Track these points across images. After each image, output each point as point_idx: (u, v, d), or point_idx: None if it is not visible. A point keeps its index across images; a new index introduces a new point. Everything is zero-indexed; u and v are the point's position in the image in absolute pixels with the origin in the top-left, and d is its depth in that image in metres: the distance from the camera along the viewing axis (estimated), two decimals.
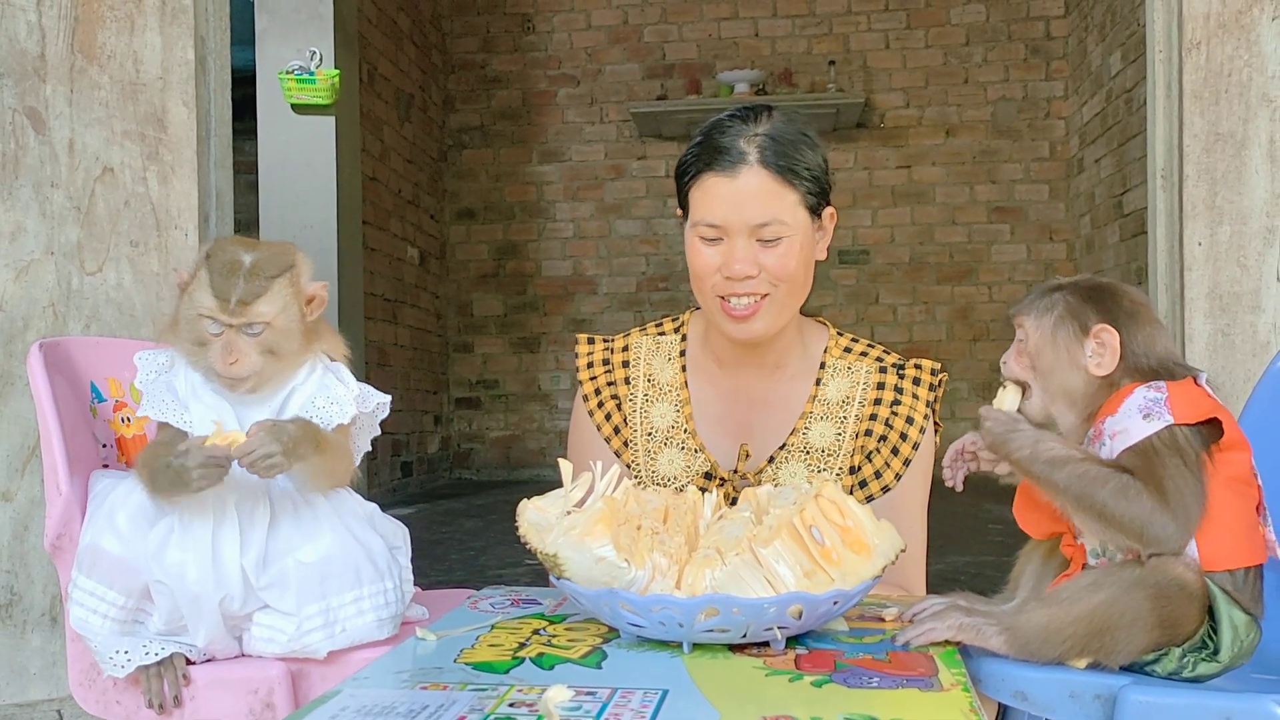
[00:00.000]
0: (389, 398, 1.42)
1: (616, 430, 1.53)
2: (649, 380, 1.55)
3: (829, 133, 6.38)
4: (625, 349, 1.57)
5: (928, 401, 1.51)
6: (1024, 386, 1.16)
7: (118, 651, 1.27)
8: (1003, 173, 6.34)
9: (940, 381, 1.53)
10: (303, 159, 4.72)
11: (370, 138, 5.36)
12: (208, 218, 2.27)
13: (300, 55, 4.52)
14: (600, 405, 1.55)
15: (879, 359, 1.53)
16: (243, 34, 4.00)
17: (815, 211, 1.43)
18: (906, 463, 1.47)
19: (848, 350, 1.54)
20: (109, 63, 2.19)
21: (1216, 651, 1.05)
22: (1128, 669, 1.07)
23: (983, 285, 6.37)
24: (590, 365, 1.57)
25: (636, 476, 1.50)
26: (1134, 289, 1.17)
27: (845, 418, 1.49)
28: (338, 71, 4.52)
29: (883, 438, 1.48)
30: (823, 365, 1.52)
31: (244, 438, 1.23)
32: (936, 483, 1.52)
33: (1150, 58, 2.28)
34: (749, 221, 1.37)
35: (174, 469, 1.22)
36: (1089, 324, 1.10)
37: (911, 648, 1.03)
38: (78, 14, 2.18)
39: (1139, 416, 1.05)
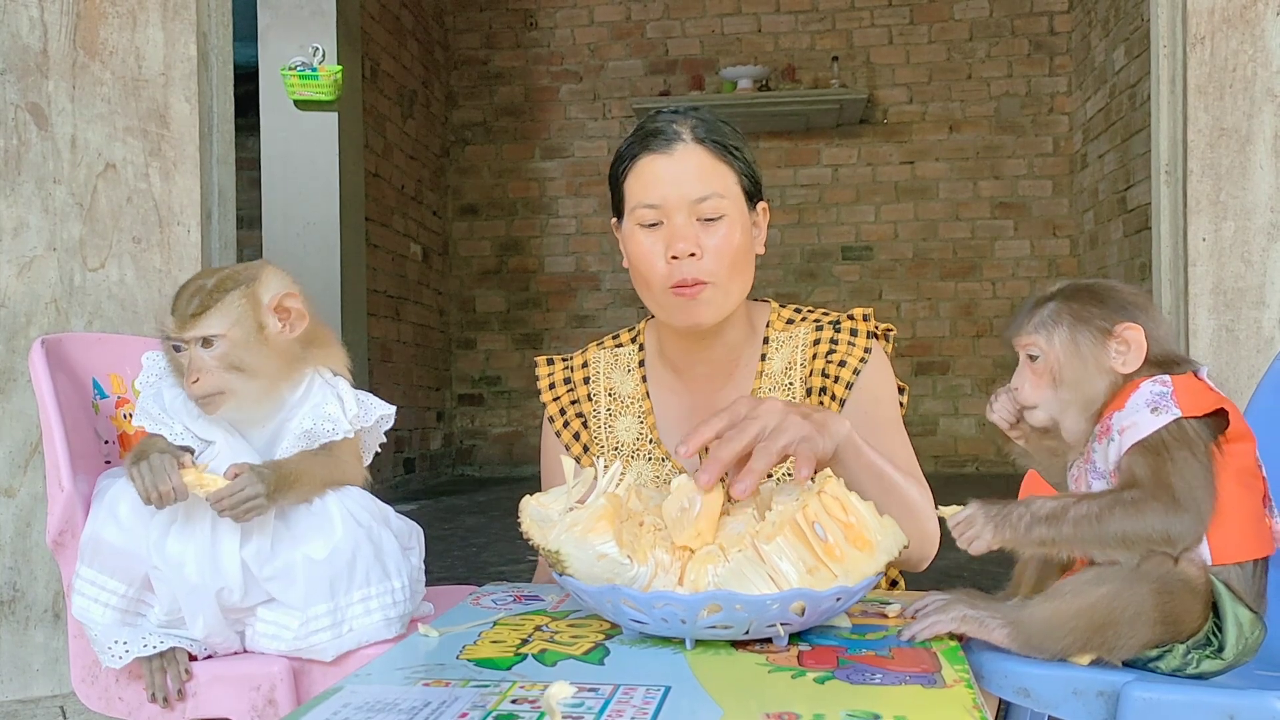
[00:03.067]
0: (393, 410, 1.41)
1: (586, 449, 1.52)
2: (610, 394, 1.53)
3: (832, 128, 6.38)
4: (585, 365, 1.56)
5: (865, 345, 1.46)
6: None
7: (116, 642, 1.27)
8: (1006, 168, 6.34)
9: (877, 326, 1.49)
10: (305, 155, 4.72)
11: (373, 134, 5.36)
12: (210, 214, 2.27)
13: (303, 51, 4.51)
14: (566, 425, 1.54)
15: (816, 321, 1.51)
16: (245, 30, 4.01)
17: (750, 200, 1.43)
18: (845, 399, 1.43)
19: (790, 322, 1.52)
20: (111, 59, 2.19)
21: (1221, 649, 1.04)
22: (1131, 665, 1.06)
23: (986, 281, 6.36)
24: (553, 386, 1.56)
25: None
26: (1122, 283, 1.16)
27: (791, 383, 1.47)
28: (340, 67, 4.52)
29: (823, 389, 1.46)
30: (766, 340, 1.51)
31: (220, 482, 1.23)
32: (938, 478, 1.51)
33: (1155, 53, 2.27)
34: (688, 197, 1.37)
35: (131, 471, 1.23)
36: (1107, 325, 1.09)
37: (916, 643, 1.02)
38: (80, 10, 2.17)
39: (1146, 410, 1.04)
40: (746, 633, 0.99)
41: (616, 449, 1.50)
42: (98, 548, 1.27)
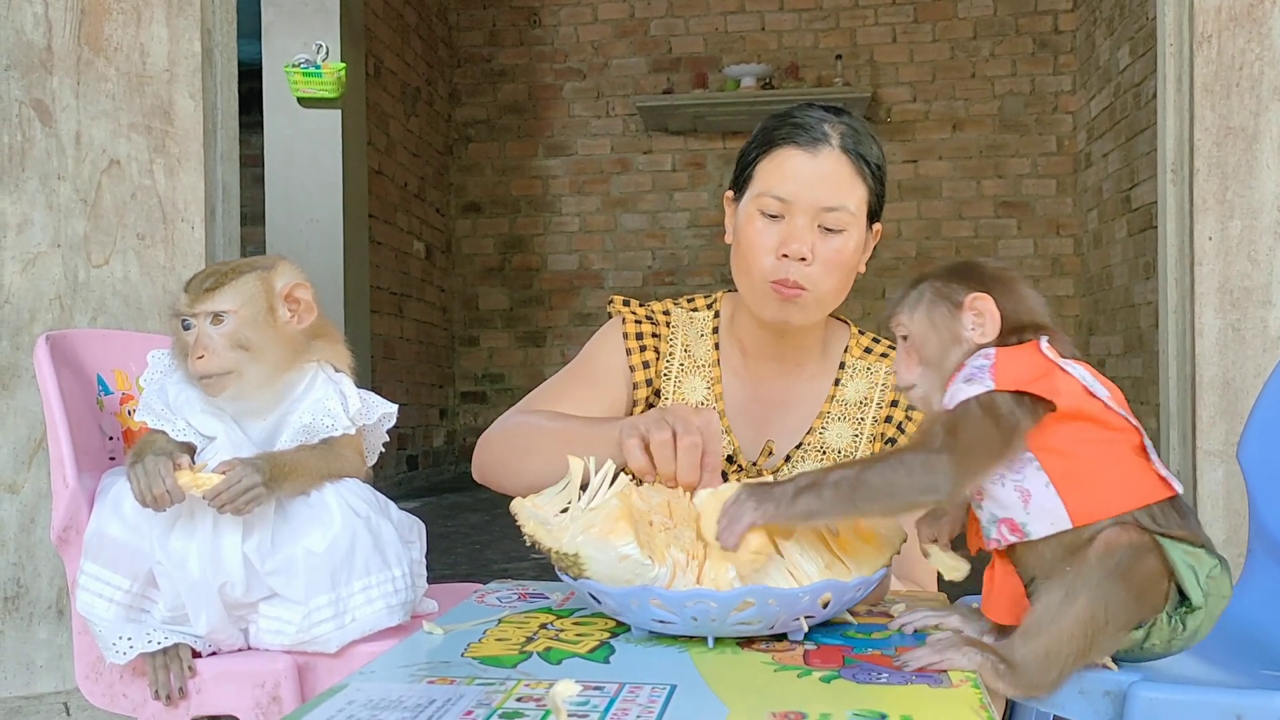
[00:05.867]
0: (395, 408, 1.41)
1: (649, 383, 1.50)
2: (685, 350, 1.52)
3: None
4: (666, 313, 1.55)
5: None
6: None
7: (120, 638, 1.27)
8: (1010, 167, 6.33)
9: None
10: (309, 152, 4.72)
11: (376, 131, 5.35)
12: (214, 211, 2.27)
13: (306, 48, 4.52)
14: (643, 348, 1.51)
15: None
16: (249, 27, 4.00)
17: (870, 219, 1.42)
18: None
19: (868, 350, 1.52)
20: (115, 55, 2.19)
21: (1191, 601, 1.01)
22: (1131, 660, 1.05)
23: None
24: (634, 314, 1.54)
25: None
26: (993, 260, 1.14)
27: (862, 419, 1.47)
28: (344, 65, 4.52)
29: (892, 440, 1.46)
30: (842, 365, 1.50)
31: (215, 479, 1.23)
32: None
33: (1161, 51, 2.26)
34: (818, 202, 1.35)
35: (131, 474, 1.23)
36: (959, 297, 1.08)
37: (916, 666, 0.99)
38: (84, 6, 2.17)
39: (962, 382, 1.02)
40: (770, 628, 0.99)
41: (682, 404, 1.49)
42: (102, 543, 1.27)
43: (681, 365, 1.51)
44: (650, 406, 1.50)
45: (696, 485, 1.15)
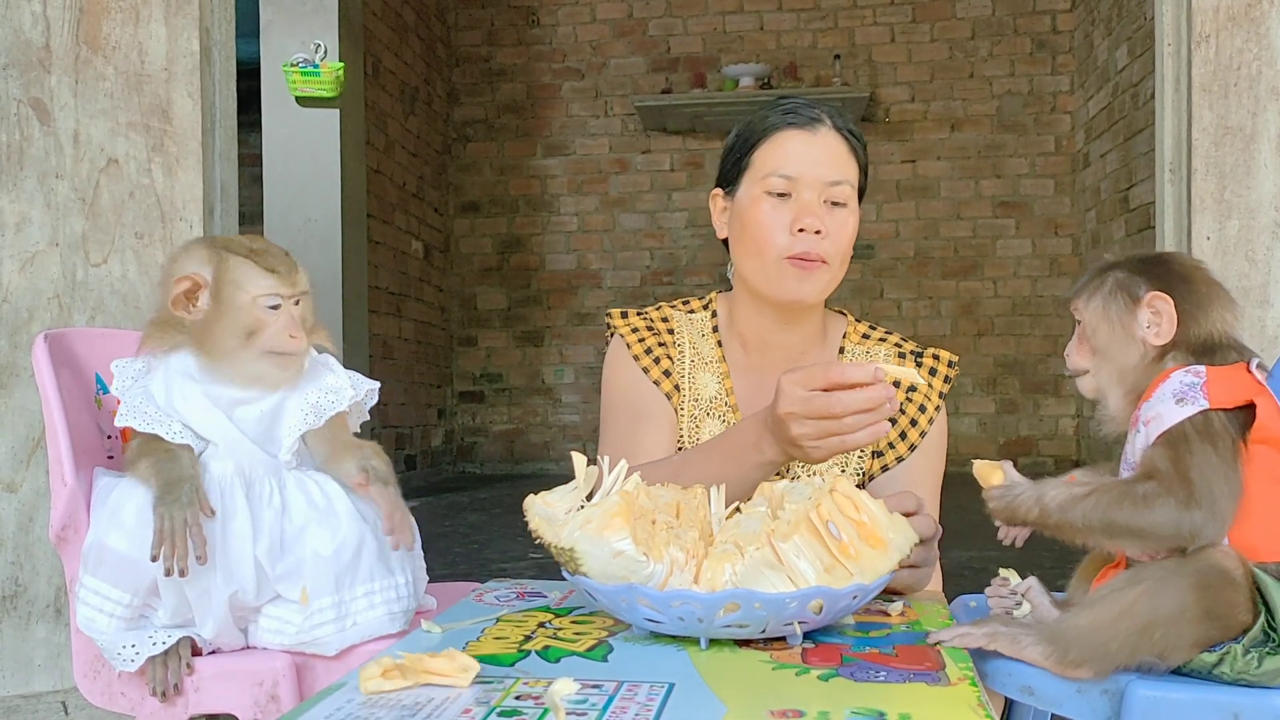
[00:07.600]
0: (377, 384, 1.42)
1: (677, 388, 1.51)
2: (692, 347, 1.54)
3: None
4: (665, 319, 1.57)
5: (940, 392, 1.52)
6: (1003, 465, 1.13)
7: (125, 646, 1.27)
8: (1008, 167, 6.33)
9: (954, 374, 1.55)
10: (307, 152, 4.72)
11: (374, 131, 5.35)
12: (212, 210, 2.27)
13: (305, 48, 4.52)
14: (657, 361, 1.51)
15: (897, 345, 1.55)
16: (247, 26, 4.00)
17: (858, 197, 1.47)
18: (912, 448, 1.48)
19: (865, 336, 1.55)
20: (114, 54, 2.19)
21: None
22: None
23: (987, 280, 6.36)
24: (635, 330, 1.55)
25: (681, 441, 1.49)
26: (1188, 256, 1.13)
27: None
28: (342, 64, 4.52)
29: (892, 420, 1.48)
30: (841, 350, 1.53)
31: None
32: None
33: (1159, 51, 2.27)
34: (823, 177, 1.40)
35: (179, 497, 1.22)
36: (1139, 293, 1.07)
37: (939, 644, 1.00)
38: (82, 5, 2.17)
39: (1172, 401, 1.01)
40: (763, 631, 0.98)
41: (696, 400, 1.50)
42: (102, 555, 1.25)
43: (692, 362, 1.53)
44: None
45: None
